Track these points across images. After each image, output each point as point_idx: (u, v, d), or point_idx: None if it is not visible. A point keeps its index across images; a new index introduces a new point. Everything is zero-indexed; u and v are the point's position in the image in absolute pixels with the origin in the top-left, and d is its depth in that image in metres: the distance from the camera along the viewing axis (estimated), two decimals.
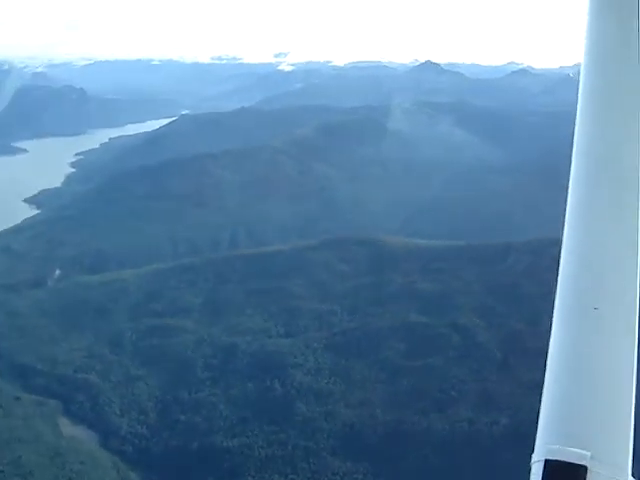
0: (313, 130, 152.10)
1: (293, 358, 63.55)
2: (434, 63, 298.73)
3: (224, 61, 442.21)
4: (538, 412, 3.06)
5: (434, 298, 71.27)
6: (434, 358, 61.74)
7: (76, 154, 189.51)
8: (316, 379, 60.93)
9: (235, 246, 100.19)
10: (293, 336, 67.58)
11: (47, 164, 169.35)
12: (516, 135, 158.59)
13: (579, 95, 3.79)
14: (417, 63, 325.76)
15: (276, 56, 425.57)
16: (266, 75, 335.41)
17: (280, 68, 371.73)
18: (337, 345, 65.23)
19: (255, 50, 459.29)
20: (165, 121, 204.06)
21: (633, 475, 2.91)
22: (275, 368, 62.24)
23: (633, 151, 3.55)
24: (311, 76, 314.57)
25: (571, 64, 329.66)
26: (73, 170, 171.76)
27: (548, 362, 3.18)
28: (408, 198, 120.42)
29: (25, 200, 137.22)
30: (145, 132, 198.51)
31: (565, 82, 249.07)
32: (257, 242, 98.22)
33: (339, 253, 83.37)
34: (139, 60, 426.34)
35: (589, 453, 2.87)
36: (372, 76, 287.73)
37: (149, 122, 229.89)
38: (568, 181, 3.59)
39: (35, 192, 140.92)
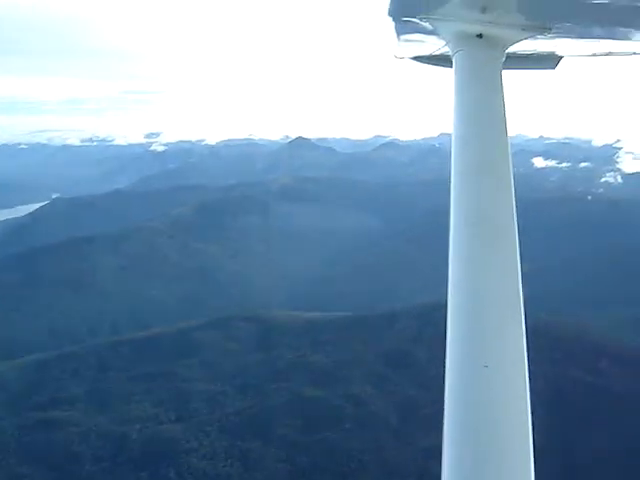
0: (190, 209, 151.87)
1: (186, 443, 61.36)
2: (305, 139, 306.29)
3: (95, 143, 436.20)
4: (439, 477, 3.04)
5: (326, 370, 71.28)
6: (332, 431, 61.32)
7: None
8: (212, 463, 59.01)
9: (118, 331, 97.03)
10: (185, 420, 65.45)
11: None
12: (391, 205, 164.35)
13: (452, 163, 3.93)
14: (288, 139, 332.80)
15: (147, 137, 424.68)
16: (139, 156, 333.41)
17: (152, 149, 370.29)
18: (231, 426, 63.65)
19: (126, 131, 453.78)
20: (36, 206, 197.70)
21: None
22: (169, 455, 59.83)
23: (507, 212, 3.74)
24: (184, 155, 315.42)
25: (435, 134, 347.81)
26: None
27: (444, 425, 3.17)
28: (291, 272, 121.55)
29: None
30: (15, 218, 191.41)
31: (432, 152, 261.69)
32: (140, 326, 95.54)
33: (226, 331, 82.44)
34: (5, 145, 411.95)
35: None
36: (245, 153, 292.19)
37: (19, 207, 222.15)
38: (447, 244, 3.69)
39: None
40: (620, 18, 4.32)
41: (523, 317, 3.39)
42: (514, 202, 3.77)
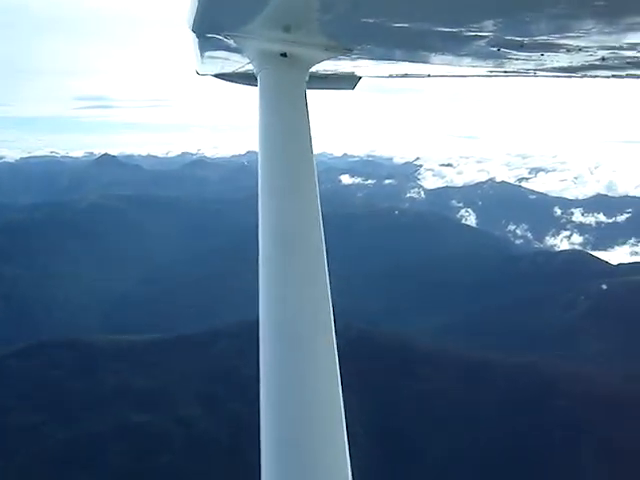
0: None
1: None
2: (111, 156, 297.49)
3: None
4: None
5: (151, 394, 69.03)
6: (162, 456, 59.44)
7: None
8: None
9: None
10: (4, 457, 60.73)
11: None
12: (203, 223, 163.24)
13: (259, 181, 4.01)
14: (93, 156, 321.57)
15: None
16: None
17: None
18: (54, 458, 59.91)
19: None
20: None
21: None
22: None
23: (314, 229, 3.84)
24: None
25: (243, 152, 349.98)
26: None
27: (262, 441, 3.23)
28: (106, 293, 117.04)
29: None
30: None
31: (241, 170, 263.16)
32: None
33: (41, 359, 77.47)
34: None
35: None
36: (48, 171, 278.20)
37: None
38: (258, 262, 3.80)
39: None
40: (417, 41, 4.43)
41: (334, 331, 3.46)
42: (321, 220, 3.85)
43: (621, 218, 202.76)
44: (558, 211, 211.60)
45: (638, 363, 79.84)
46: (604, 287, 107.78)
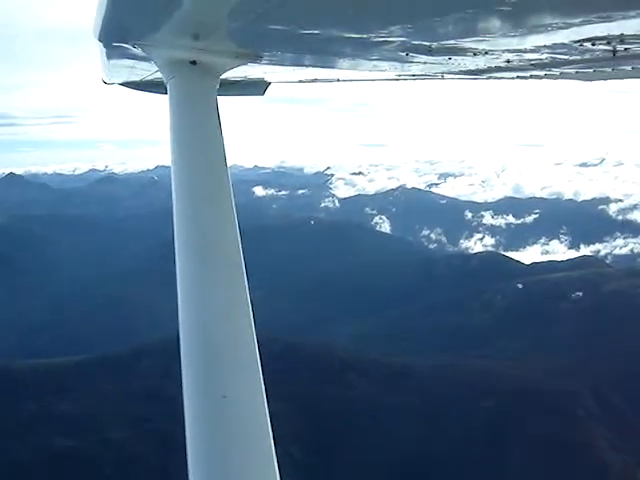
0: None
1: None
2: (17, 175, 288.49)
3: None
4: None
5: (76, 418, 66.66)
6: None
7: None
8: None
9: None
10: None
11: None
12: (118, 239, 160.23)
13: (173, 194, 3.94)
14: None
15: None
16: None
17: None
18: None
19: None
20: None
21: None
22: None
23: (232, 241, 3.81)
24: None
25: (152, 167, 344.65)
26: None
27: (188, 459, 3.19)
28: (20, 317, 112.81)
29: None
30: None
31: (151, 185, 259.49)
32: None
33: None
34: None
35: None
36: None
37: None
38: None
39: None
40: (325, 48, 4.46)
41: (256, 343, 3.45)
42: (237, 229, 3.82)
43: (529, 219, 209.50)
44: (469, 214, 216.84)
45: (557, 358, 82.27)
46: (520, 286, 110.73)
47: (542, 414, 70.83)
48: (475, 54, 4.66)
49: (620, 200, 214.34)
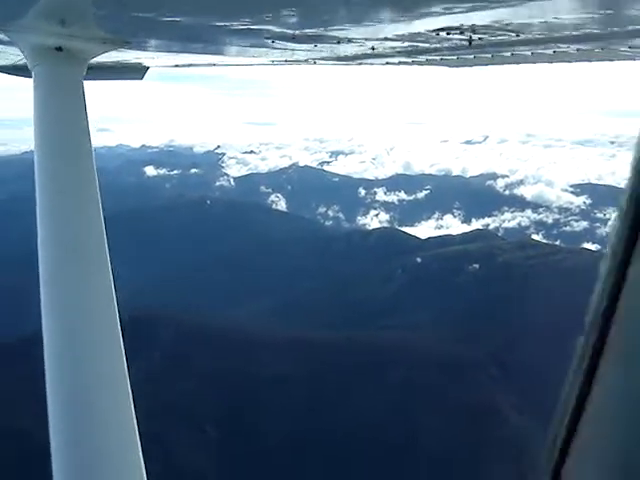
0: None
1: None
2: None
3: None
4: None
5: None
6: None
7: None
8: None
9: None
10: None
11: None
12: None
13: (36, 181, 3.96)
14: None
15: None
16: None
17: None
18: None
19: None
20: None
21: None
22: None
23: (96, 228, 3.86)
24: None
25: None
26: None
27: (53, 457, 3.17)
28: None
29: None
30: None
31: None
32: None
33: None
34: None
35: None
36: None
37: None
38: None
39: None
40: (193, 35, 4.66)
41: (120, 330, 3.46)
42: (102, 218, 3.79)
43: (421, 195, 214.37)
44: (362, 191, 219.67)
45: (460, 327, 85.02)
46: (418, 260, 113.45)
47: (447, 382, 73.14)
48: (339, 42, 4.83)
49: (506, 176, 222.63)
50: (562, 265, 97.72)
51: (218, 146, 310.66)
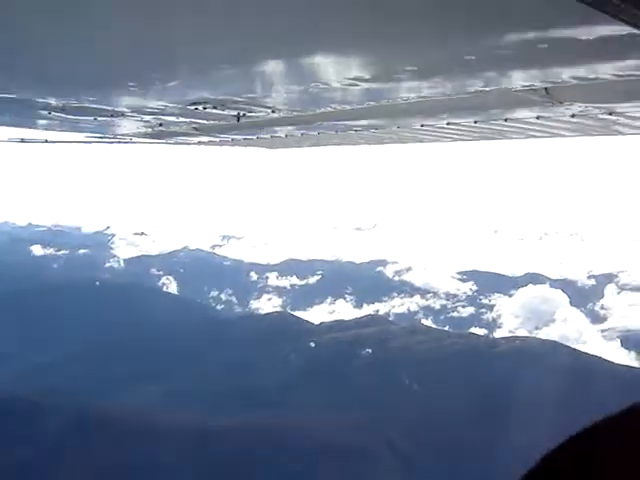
0: None
1: None
2: None
3: None
4: None
5: None
6: None
7: None
8: None
9: None
10: None
11: None
12: None
13: None
14: None
15: None
16: None
17: None
18: None
19: None
20: None
21: None
22: None
23: None
24: None
25: None
26: None
27: None
28: None
29: None
30: None
31: None
32: None
33: None
34: None
35: None
36: None
37: None
38: None
39: None
40: None
41: None
42: None
43: (312, 280, 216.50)
44: (255, 276, 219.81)
45: (352, 413, 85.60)
46: (312, 345, 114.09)
47: (339, 467, 73.26)
48: (112, 115, 5.06)
49: (395, 262, 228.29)
50: (452, 349, 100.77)
51: (108, 227, 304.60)
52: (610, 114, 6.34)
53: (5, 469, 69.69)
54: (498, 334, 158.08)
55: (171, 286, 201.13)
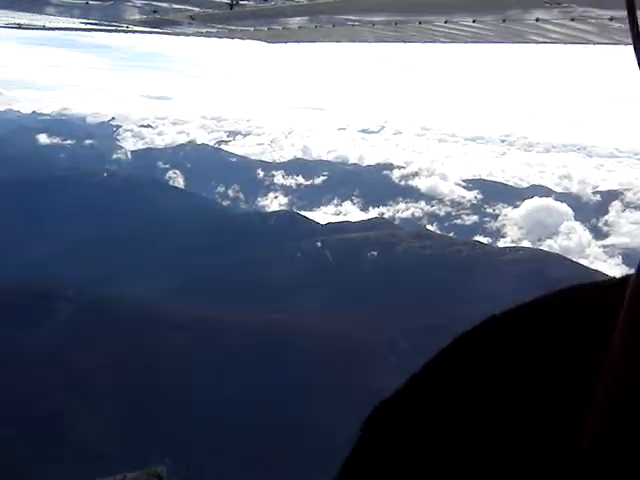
0: None
1: None
2: None
3: None
4: None
5: None
6: None
7: None
8: None
9: None
10: None
11: None
12: None
13: None
14: None
15: None
16: None
17: None
18: None
19: None
20: None
21: None
22: None
23: None
24: None
25: None
26: None
27: None
28: None
29: None
30: None
31: None
32: None
33: None
34: None
35: None
36: None
37: None
38: None
39: None
40: None
41: None
42: None
43: (318, 180, 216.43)
44: (261, 173, 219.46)
45: (356, 313, 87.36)
46: (318, 244, 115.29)
47: (344, 365, 75.24)
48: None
49: (402, 167, 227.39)
50: (458, 256, 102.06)
51: (113, 118, 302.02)
52: (611, 20, 6.01)
53: (18, 356, 70.96)
54: (501, 244, 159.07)
55: (178, 180, 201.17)
